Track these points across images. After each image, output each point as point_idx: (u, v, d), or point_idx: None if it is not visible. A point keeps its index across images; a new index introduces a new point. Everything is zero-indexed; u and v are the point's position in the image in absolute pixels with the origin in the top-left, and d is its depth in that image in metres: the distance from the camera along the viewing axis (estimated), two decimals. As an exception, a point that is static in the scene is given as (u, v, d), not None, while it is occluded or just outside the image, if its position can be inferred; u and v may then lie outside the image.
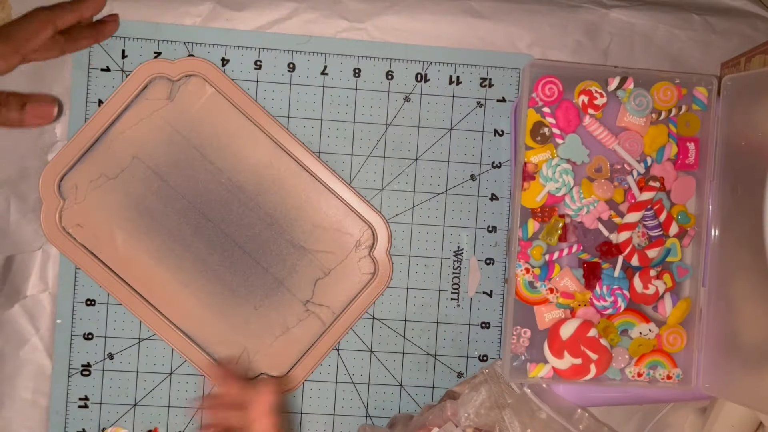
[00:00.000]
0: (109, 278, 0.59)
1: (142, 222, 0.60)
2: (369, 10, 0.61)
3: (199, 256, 0.60)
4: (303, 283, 0.61)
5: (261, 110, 0.59)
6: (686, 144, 0.58)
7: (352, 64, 0.61)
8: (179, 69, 0.59)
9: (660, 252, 0.57)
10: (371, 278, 0.61)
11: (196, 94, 0.60)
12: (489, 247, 0.62)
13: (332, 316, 0.61)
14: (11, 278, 0.59)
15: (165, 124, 0.59)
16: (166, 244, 0.60)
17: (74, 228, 0.59)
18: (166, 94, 0.59)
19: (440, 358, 0.62)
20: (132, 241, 0.60)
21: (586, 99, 0.56)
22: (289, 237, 0.60)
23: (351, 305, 0.60)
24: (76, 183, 0.59)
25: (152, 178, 0.59)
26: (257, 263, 0.60)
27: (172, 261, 0.60)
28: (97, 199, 0.59)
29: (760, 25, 0.64)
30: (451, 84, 0.62)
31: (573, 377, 0.56)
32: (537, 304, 0.57)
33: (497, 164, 0.63)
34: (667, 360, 0.57)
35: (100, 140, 0.59)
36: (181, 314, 0.60)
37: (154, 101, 0.59)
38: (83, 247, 0.59)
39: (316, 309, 0.61)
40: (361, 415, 0.62)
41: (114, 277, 0.59)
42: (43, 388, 0.60)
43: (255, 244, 0.60)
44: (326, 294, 0.61)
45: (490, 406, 0.55)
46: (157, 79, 0.59)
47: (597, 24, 0.63)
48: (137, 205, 0.60)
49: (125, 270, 0.59)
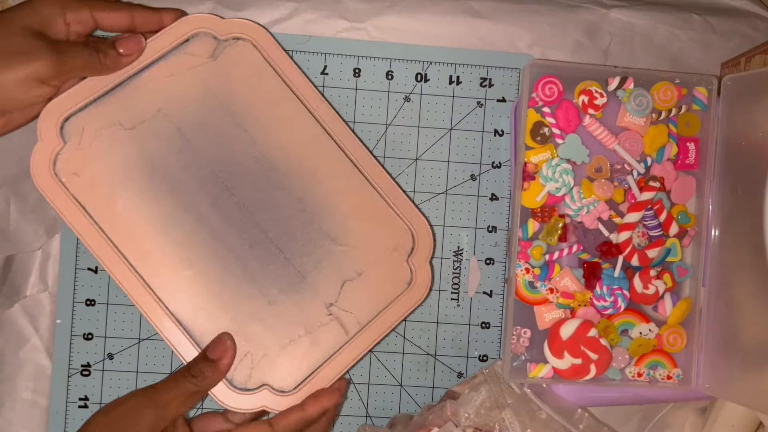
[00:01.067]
0: (100, 242, 0.52)
1: (152, 184, 0.53)
2: (369, 10, 0.61)
3: (214, 233, 0.53)
4: (329, 282, 0.54)
5: (310, 86, 0.54)
6: (686, 144, 0.58)
7: (352, 64, 0.61)
8: (228, 29, 0.54)
9: (660, 252, 0.57)
10: (406, 288, 0.55)
11: (241, 57, 0.54)
12: (489, 247, 0.62)
13: (357, 326, 0.54)
14: (11, 278, 0.59)
15: (201, 82, 0.54)
16: (176, 214, 0.53)
17: (69, 176, 0.52)
18: (209, 51, 0.54)
19: (440, 358, 0.62)
20: (135, 204, 0.53)
21: (586, 99, 0.56)
22: (320, 227, 0.54)
23: (380, 316, 0.54)
24: (84, 126, 0.52)
25: (175, 137, 0.53)
26: (279, 251, 0.53)
27: (179, 234, 0.53)
28: (105, 149, 0.52)
29: (760, 25, 0.64)
30: (451, 84, 0.62)
31: (573, 377, 0.56)
32: (537, 304, 0.57)
33: (497, 164, 0.63)
34: (667, 360, 0.57)
35: (123, 85, 0.53)
36: (179, 300, 0.53)
37: (195, 57, 0.54)
38: (74, 200, 0.52)
39: (340, 315, 0.54)
40: (361, 415, 0.62)
41: (106, 242, 0.52)
42: (43, 388, 0.60)
43: (280, 229, 0.54)
44: (354, 299, 0.54)
45: (490, 406, 0.55)
46: (202, 35, 0.54)
47: (597, 24, 0.63)
48: (151, 163, 0.53)
49: (120, 236, 0.52)
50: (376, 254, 0.55)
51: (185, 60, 0.54)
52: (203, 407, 0.60)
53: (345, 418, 0.62)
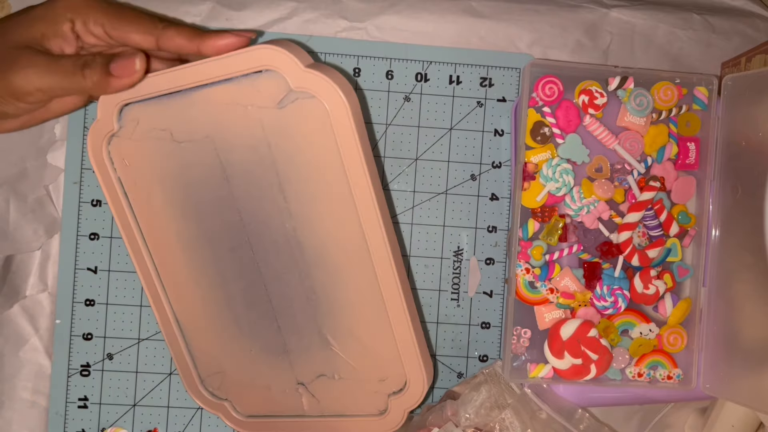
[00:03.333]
0: (131, 232, 0.53)
1: (186, 204, 0.52)
2: (369, 9, 0.61)
3: (224, 274, 0.54)
4: (308, 366, 0.55)
5: (368, 179, 0.48)
6: (687, 144, 0.57)
7: (351, 63, 0.61)
8: (303, 81, 0.47)
9: (660, 252, 0.57)
10: (375, 416, 0.56)
11: (309, 117, 0.48)
12: (489, 247, 0.62)
13: (317, 412, 0.56)
14: (10, 278, 0.59)
15: (260, 128, 0.49)
16: (199, 240, 0.53)
17: (119, 160, 0.52)
18: (278, 97, 0.48)
19: (440, 358, 0.62)
20: (167, 213, 0.52)
21: (586, 99, 0.56)
22: (320, 323, 0.54)
23: (340, 419, 0.56)
24: (140, 119, 0.50)
25: (216, 171, 0.50)
26: (275, 319, 0.54)
27: (198, 257, 0.53)
28: (152, 151, 0.51)
29: (760, 24, 0.64)
30: (451, 84, 0.62)
31: (573, 377, 0.56)
32: (537, 304, 0.57)
33: (497, 164, 0.62)
34: (667, 360, 0.57)
35: (183, 93, 0.49)
36: (182, 303, 0.56)
37: (261, 96, 0.48)
38: (120, 184, 0.52)
39: (305, 394, 0.56)
40: (361, 416, 0.62)
41: (138, 234, 0.53)
42: (43, 389, 0.60)
43: (283, 302, 0.54)
44: (324, 391, 0.56)
45: (490, 407, 0.55)
46: (275, 74, 0.47)
47: (597, 24, 0.63)
48: (189, 185, 0.51)
49: (150, 227, 0.53)
50: (360, 372, 0.55)
51: (250, 94, 0.48)
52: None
53: (345, 419, 0.62)
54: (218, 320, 0.56)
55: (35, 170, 0.59)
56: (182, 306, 0.56)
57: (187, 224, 0.53)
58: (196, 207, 0.52)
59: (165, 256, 0.54)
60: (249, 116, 0.49)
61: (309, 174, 0.49)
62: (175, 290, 0.55)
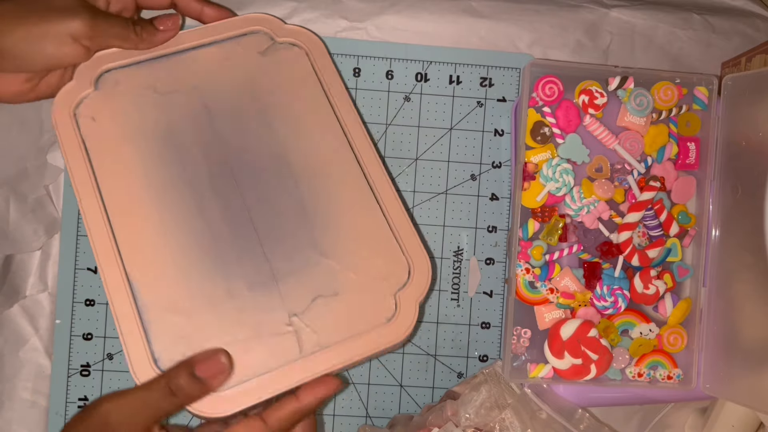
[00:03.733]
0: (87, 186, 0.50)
1: (163, 150, 0.51)
2: (369, 9, 0.61)
3: (200, 205, 0.50)
4: (300, 291, 0.49)
5: (349, 104, 0.53)
6: (687, 144, 0.57)
7: (351, 63, 0.61)
8: (286, 33, 0.55)
9: (660, 252, 0.57)
10: (384, 323, 0.49)
11: (291, 62, 0.54)
12: (489, 247, 0.62)
13: (316, 347, 0.48)
14: (10, 278, 0.59)
15: (244, 73, 0.54)
16: (173, 183, 0.51)
17: (86, 119, 0.51)
18: (261, 48, 0.54)
19: (440, 358, 0.62)
20: (137, 157, 0.51)
21: (586, 99, 0.56)
22: (311, 234, 0.50)
23: (344, 343, 0.48)
24: (120, 80, 0.52)
25: (201, 115, 0.52)
26: (261, 246, 0.50)
27: (167, 201, 0.50)
28: (130, 105, 0.52)
29: (760, 24, 0.64)
30: (451, 84, 0.62)
31: (573, 377, 0.56)
32: (537, 304, 0.57)
33: (497, 164, 0.62)
34: (667, 360, 0.57)
35: (170, 56, 0.54)
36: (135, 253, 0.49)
37: (246, 50, 0.54)
38: (81, 142, 0.51)
39: (301, 329, 0.48)
40: (361, 416, 0.62)
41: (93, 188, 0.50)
42: (43, 389, 0.60)
43: (270, 225, 0.50)
44: (321, 318, 0.49)
45: (490, 407, 0.55)
46: (260, 33, 0.55)
47: (597, 24, 0.63)
48: (167, 126, 0.52)
49: (109, 184, 0.50)
50: (361, 278, 0.50)
51: (235, 50, 0.54)
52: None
53: (345, 419, 0.62)
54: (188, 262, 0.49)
55: (35, 170, 0.59)
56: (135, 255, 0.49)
57: (160, 164, 0.51)
58: (176, 151, 0.52)
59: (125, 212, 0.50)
60: (235, 67, 0.54)
61: (294, 104, 0.53)
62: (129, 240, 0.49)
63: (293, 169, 0.52)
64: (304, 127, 0.53)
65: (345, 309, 0.49)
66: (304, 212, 0.51)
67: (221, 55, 0.54)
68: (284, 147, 0.52)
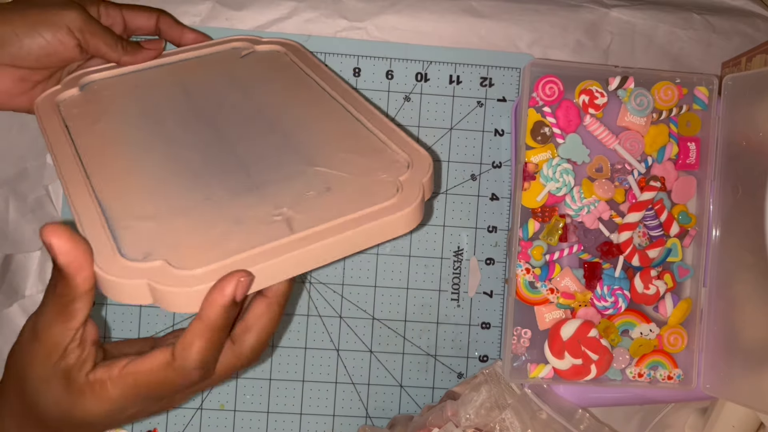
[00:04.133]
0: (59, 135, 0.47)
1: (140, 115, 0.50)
2: (369, 9, 0.61)
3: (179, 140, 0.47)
4: (288, 192, 0.43)
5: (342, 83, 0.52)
6: (687, 144, 0.57)
7: (351, 63, 0.61)
8: (266, 43, 0.57)
9: (661, 252, 0.57)
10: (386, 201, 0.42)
11: (270, 58, 0.56)
12: (489, 247, 0.62)
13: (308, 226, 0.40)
14: (10, 278, 0.59)
15: (223, 69, 0.55)
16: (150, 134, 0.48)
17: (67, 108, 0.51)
18: (241, 54, 0.56)
19: (440, 358, 0.62)
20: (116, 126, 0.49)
21: (586, 99, 0.56)
22: (296, 150, 0.46)
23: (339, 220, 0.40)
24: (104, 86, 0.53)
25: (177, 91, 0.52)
26: (241, 163, 0.45)
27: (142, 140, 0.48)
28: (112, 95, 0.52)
29: (761, 24, 0.64)
30: (451, 83, 0.62)
31: (573, 378, 0.56)
32: (537, 304, 0.57)
33: (497, 164, 0.62)
34: (667, 360, 0.57)
35: (151, 68, 0.55)
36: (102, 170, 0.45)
37: (226, 57, 0.56)
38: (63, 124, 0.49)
39: (291, 217, 0.41)
40: (360, 416, 0.62)
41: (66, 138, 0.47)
42: (42, 389, 0.60)
43: (251, 146, 0.46)
44: (314, 207, 0.41)
45: (490, 407, 0.55)
46: (240, 48, 0.57)
47: (597, 23, 0.63)
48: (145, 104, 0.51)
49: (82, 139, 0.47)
50: (355, 174, 0.44)
51: (216, 58, 0.56)
52: (203, 408, 0.60)
53: (345, 419, 0.62)
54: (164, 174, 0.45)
55: (35, 170, 0.59)
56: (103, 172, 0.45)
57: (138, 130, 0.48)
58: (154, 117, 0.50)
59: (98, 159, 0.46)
60: (215, 66, 0.55)
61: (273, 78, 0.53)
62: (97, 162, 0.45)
63: (271, 120, 0.48)
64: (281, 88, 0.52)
65: (340, 197, 0.42)
66: (288, 135, 0.47)
67: (202, 62, 0.56)
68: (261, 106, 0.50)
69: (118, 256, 0.39)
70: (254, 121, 0.49)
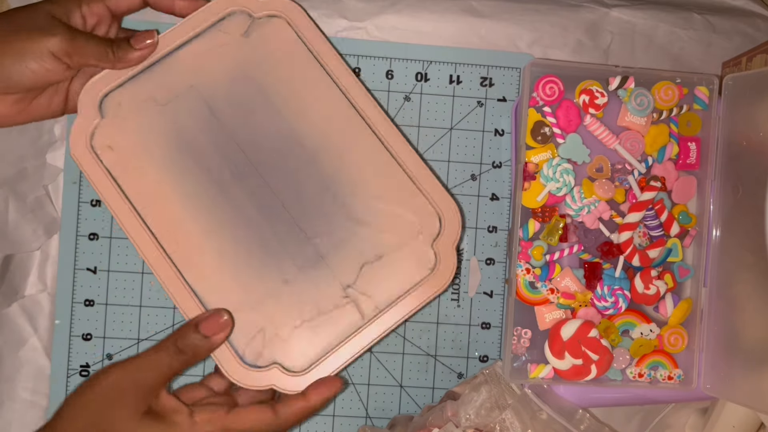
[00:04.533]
0: (127, 212, 0.52)
1: (180, 157, 0.53)
2: (369, 9, 0.61)
3: (235, 207, 0.53)
4: (348, 263, 0.52)
5: (343, 66, 0.54)
6: (687, 144, 0.57)
7: (352, 63, 0.61)
8: (262, 6, 0.54)
9: (661, 252, 0.57)
10: (428, 274, 0.53)
11: (275, 36, 0.54)
12: (489, 247, 0.62)
13: (375, 310, 0.52)
14: (9, 278, 0.59)
15: (233, 60, 0.54)
16: (200, 186, 0.53)
17: (104, 149, 0.53)
18: (242, 29, 0.54)
19: (440, 358, 0.62)
20: (163, 176, 0.53)
21: (587, 98, 0.56)
22: (343, 206, 0.53)
23: (399, 301, 0.52)
24: (121, 101, 0.54)
25: (204, 113, 0.54)
26: (300, 229, 0.52)
27: (202, 204, 0.53)
28: (138, 123, 0.53)
29: (761, 24, 0.64)
30: (451, 83, 0.62)
31: (574, 378, 0.56)
32: (537, 304, 0.57)
33: (497, 164, 0.62)
34: (668, 360, 0.57)
35: (159, 62, 0.54)
36: (195, 270, 0.52)
37: (227, 34, 0.54)
38: (108, 173, 0.53)
39: (357, 297, 0.52)
40: (360, 416, 0.62)
41: (133, 214, 0.52)
42: (42, 389, 0.60)
43: (302, 207, 0.53)
44: (372, 282, 0.52)
45: (490, 407, 0.55)
46: (237, 13, 0.54)
47: (598, 23, 0.63)
48: (180, 137, 0.53)
49: (147, 206, 0.53)
50: (399, 237, 0.53)
51: (218, 38, 0.54)
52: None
53: (345, 419, 0.61)
54: (241, 263, 0.53)
55: (35, 170, 0.59)
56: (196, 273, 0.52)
57: (186, 177, 0.53)
58: (193, 155, 0.53)
59: (167, 227, 0.53)
60: (223, 55, 0.54)
61: (290, 78, 0.54)
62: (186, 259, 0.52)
63: (307, 146, 0.53)
64: (307, 102, 0.54)
65: (392, 269, 0.53)
66: (328, 185, 0.53)
67: (206, 47, 0.54)
68: (294, 125, 0.54)
69: (243, 366, 0.51)
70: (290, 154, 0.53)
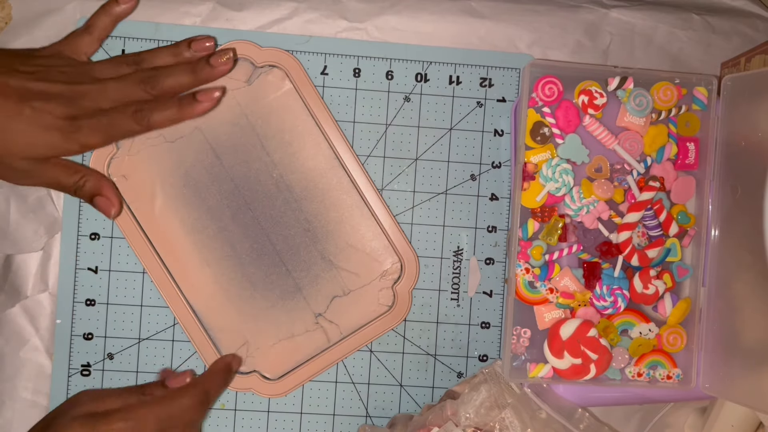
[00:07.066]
0: (137, 236, 0.59)
1: (185, 191, 0.60)
2: (369, 9, 0.61)
3: (230, 241, 0.60)
4: (320, 295, 0.61)
5: (331, 119, 0.59)
6: (686, 144, 0.58)
7: (352, 64, 0.61)
8: (265, 57, 0.59)
9: (660, 252, 0.57)
10: (387, 311, 0.61)
11: (274, 85, 0.60)
12: (489, 247, 0.62)
13: (339, 335, 0.61)
14: (11, 278, 0.59)
15: (236, 105, 0.60)
16: (202, 220, 0.60)
17: (119, 178, 0.59)
18: (246, 77, 0.59)
19: (440, 358, 0.62)
20: (170, 207, 0.60)
21: (586, 99, 0.56)
22: (321, 248, 0.61)
23: (359, 331, 0.60)
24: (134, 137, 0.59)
25: (207, 153, 0.60)
26: (283, 264, 0.61)
27: (203, 237, 0.60)
28: (149, 157, 0.59)
29: (760, 25, 0.64)
30: (451, 84, 0.62)
31: (573, 377, 0.56)
32: (537, 304, 0.57)
33: (497, 164, 0.63)
34: (667, 360, 0.57)
35: None
36: (195, 292, 0.60)
37: (233, 80, 0.59)
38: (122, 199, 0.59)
39: (325, 324, 0.61)
40: (361, 415, 0.62)
41: (142, 237, 0.59)
42: (43, 388, 0.60)
43: (286, 244, 0.61)
44: (339, 313, 0.61)
45: (490, 406, 0.55)
46: (241, 61, 0.59)
47: (597, 24, 0.63)
48: (185, 174, 0.60)
49: (155, 232, 0.60)
50: (365, 277, 0.61)
51: (225, 83, 0.59)
52: (203, 407, 0.60)
53: (345, 418, 0.62)
54: (233, 289, 0.61)
55: (36, 170, 0.59)
56: (196, 294, 0.60)
57: (190, 211, 0.60)
58: (197, 191, 0.60)
59: (173, 253, 0.60)
60: (227, 101, 0.60)
61: (284, 126, 0.60)
62: (187, 281, 0.60)
63: (294, 191, 0.61)
64: (298, 151, 0.60)
65: (356, 303, 0.61)
66: (309, 228, 0.61)
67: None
68: (284, 171, 0.60)
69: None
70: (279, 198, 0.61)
